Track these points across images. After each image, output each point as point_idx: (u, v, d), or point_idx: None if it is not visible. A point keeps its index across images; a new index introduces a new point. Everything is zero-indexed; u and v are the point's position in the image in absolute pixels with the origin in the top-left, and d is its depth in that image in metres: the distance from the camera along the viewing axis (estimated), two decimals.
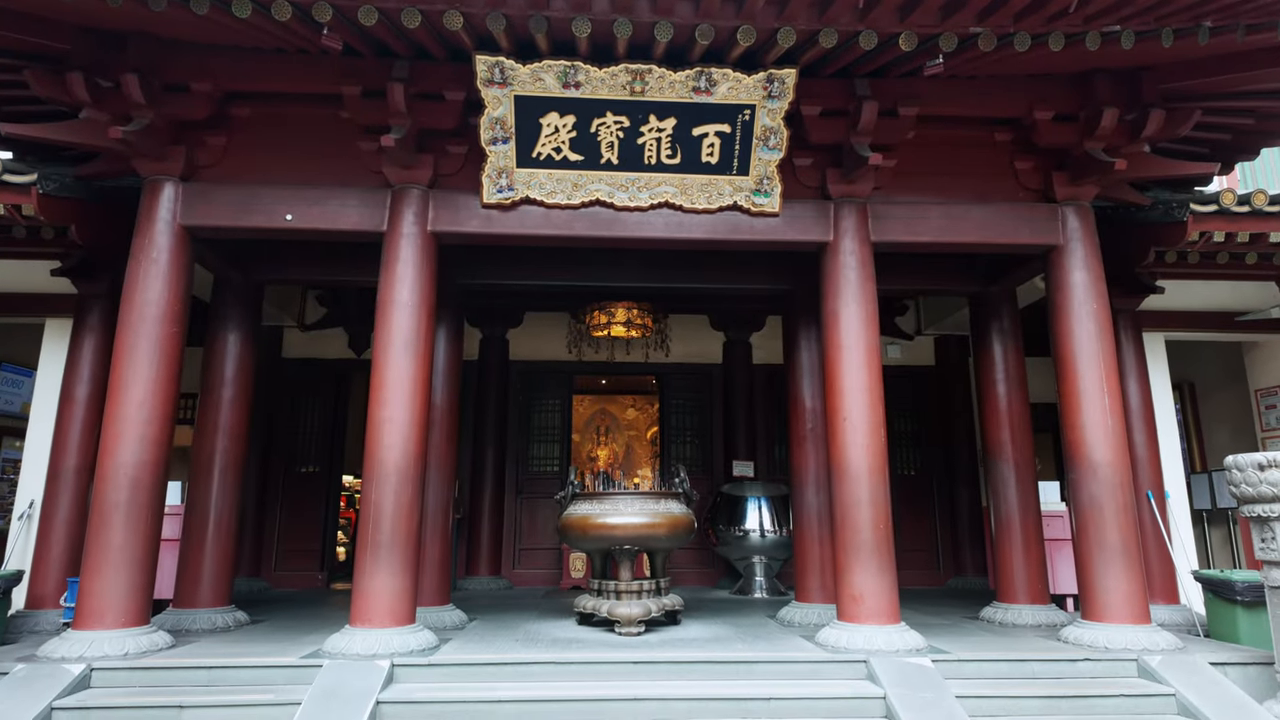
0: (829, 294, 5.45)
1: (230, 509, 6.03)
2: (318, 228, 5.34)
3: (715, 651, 4.81)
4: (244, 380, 6.26)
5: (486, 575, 8.87)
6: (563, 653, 4.75)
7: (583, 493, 5.76)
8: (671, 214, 5.48)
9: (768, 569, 8.24)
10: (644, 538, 5.52)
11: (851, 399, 5.21)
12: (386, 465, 4.94)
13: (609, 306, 7.98)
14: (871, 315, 5.37)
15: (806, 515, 6.30)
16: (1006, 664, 4.68)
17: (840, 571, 5.12)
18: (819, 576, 6.14)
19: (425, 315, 5.23)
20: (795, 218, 5.53)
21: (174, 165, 5.26)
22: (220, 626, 5.66)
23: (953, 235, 5.60)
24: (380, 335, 5.15)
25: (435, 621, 5.68)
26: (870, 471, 5.10)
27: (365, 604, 4.79)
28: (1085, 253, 5.57)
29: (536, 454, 9.75)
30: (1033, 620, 5.93)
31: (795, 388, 6.56)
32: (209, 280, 6.48)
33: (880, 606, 4.94)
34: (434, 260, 5.38)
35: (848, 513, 5.10)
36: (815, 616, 5.91)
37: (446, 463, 6.18)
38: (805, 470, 6.37)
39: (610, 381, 12.53)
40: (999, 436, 6.47)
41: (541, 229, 5.42)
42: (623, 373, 10.16)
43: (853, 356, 5.27)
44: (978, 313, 6.87)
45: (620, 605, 5.39)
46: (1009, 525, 6.29)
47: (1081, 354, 5.40)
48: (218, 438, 6.06)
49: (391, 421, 4.99)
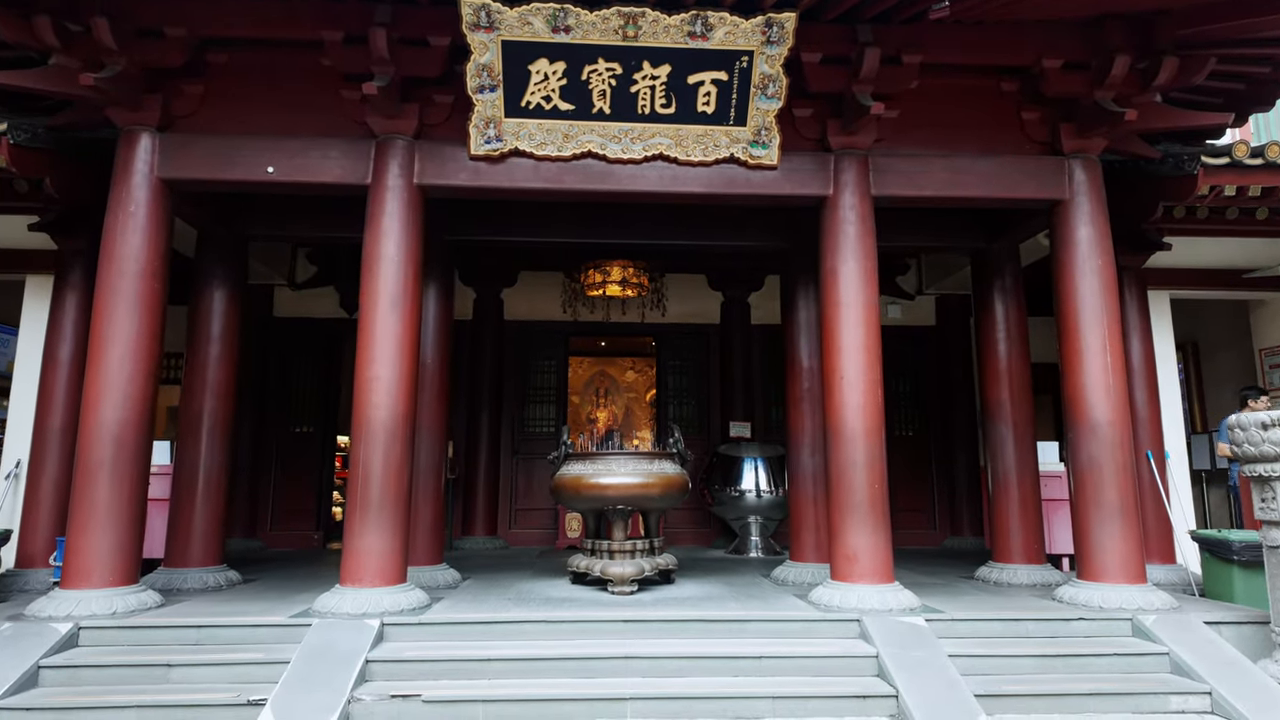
0: (827, 250, 5.31)
1: (219, 468, 5.97)
2: (300, 180, 5.18)
3: (708, 610, 4.78)
4: (230, 338, 6.15)
5: (482, 535, 8.87)
6: (554, 611, 4.72)
7: (576, 453, 5.68)
8: (666, 167, 5.30)
9: (763, 529, 8.23)
10: (637, 498, 5.46)
11: (849, 358, 5.11)
12: (375, 424, 4.86)
13: (604, 265, 7.83)
14: (871, 272, 5.23)
15: (802, 475, 6.25)
16: (1000, 623, 4.66)
17: (835, 531, 5.07)
18: (814, 536, 6.10)
19: (412, 271, 5.09)
20: (794, 171, 5.36)
21: (150, 115, 5.08)
22: (211, 586, 5.64)
23: (956, 189, 5.43)
24: (366, 292, 5.02)
25: (428, 580, 5.66)
26: (866, 432, 5.02)
27: (355, 563, 4.74)
28: (1091, 207, 5.41)
29: (532, 415, 9.69)
30: (1028, 580, 5.91)
31: (792, 347, 6.45)
32: (193, 236, 6.33)
33: (874, 566, 4.90)
34: (420, 214, 5.22)
35: (843, 473, 5.03)
36: (809, 576, 5.88)
37: (438, 422, 6.10)
38: (801, 431, 6.30)
39: (609, 343, 12.43)
40: (998, 396, 6.38)
41: (531, 182, 5.25)
42: (619, 333, 10.05)
43: (851, 315, 5.15)
44: (980, 270, 6.72)
45: (613, 565, 5.36)
46: (1006, 485, 6.23)
47: (1085, 311, 5.28)
48: (205, 396, 5.97)
49: (379, 380, 4.90)
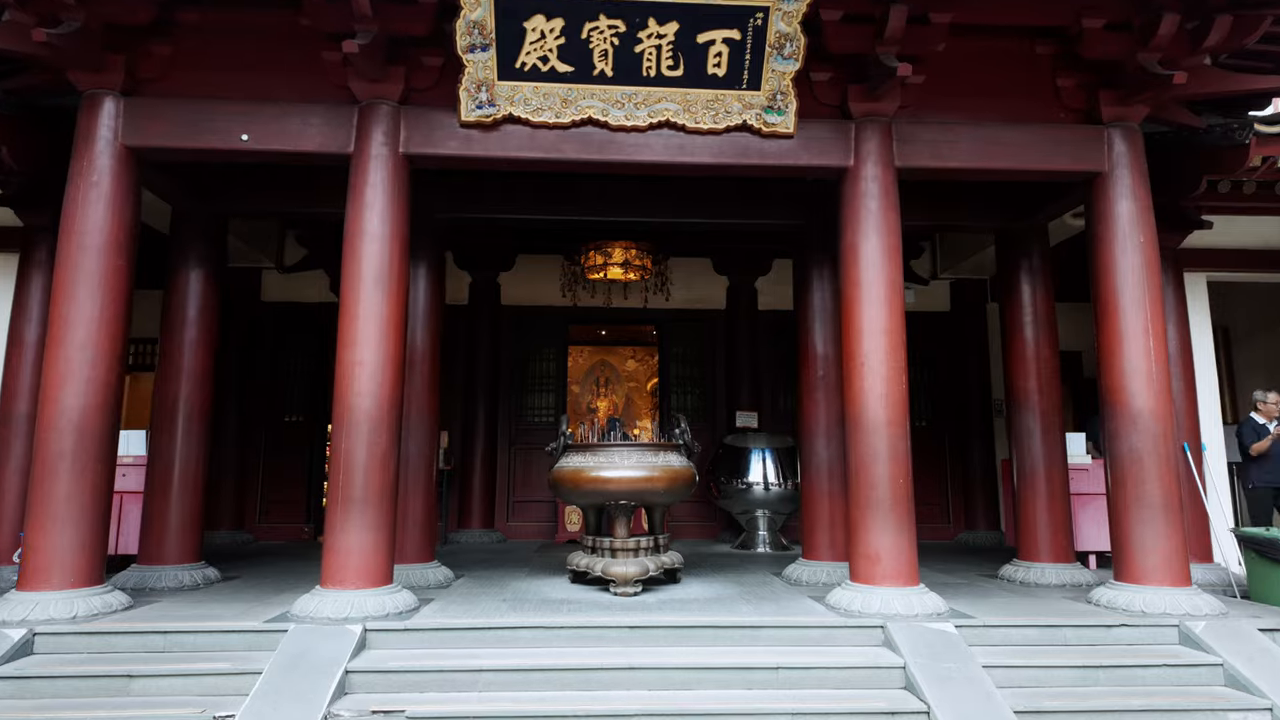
0: (848, 225, 4.91)
1: (197, 458, 5.60)
2: (276, 149, 4.78)
3: (717, 614, 4.42)
4: (208, 320, 5.77)
5: (479, 529, 8.53)
6: (552, 615, 4.36)
7: (575, 444, 5.31)
8: (673, 135, 4.90)
9: (771, 523, 7.87)
10: (641, 492, 5.09)
11: (870, 342, 4.72)
12: (357, 413, 4.48)
13: (605, 246, 7.44)
14: (894, 249, 4.84)
15: (816, 468, 5.87)
16: (1036, 630, 4.29)
17: (854, 529, 4.70)
18: (828, 533, 5.74)
19: (398, 247, 4.70)
20: (811, 139, 4.95)
21: (114, 78, 4.68)
22: (188, 585, 5.28)
23: (985, 161, 5.03)
24: (348, 269, 4.64)
25: (418, 580, 5.30)
26: (889, 422, 4.64)
27: (336, 563, 4.38)
28: (1133, 180, 5.00)
29: (531, 404, 9.32)
30: (1057, 580, 5.55)
31: (805, 332, 6.06)
32: (168, 213, 5.94)
33: (898, 567, 4.54)
34: (407, 186, 4.83)
35: (864, 466, 4.66)
36: (824, 575, 5.52)
37: (428, 411, 5.72)
38: (815, 420, 5.92)
39: (610, 332, 12.11)
40: (1025, 384, 6.00)
41: (526, 151, 4.85)
42: (621, 320, 9.66)
43: (872, 294, 4.76)
44: (1005, 251, 6.32)
45: (615, 564, 4.99)
46: (1033, 478, 5.86)
47: (1125, 292, 4.88)
48: (181, 382, 5.59)
49: (361, 364, 4.52)
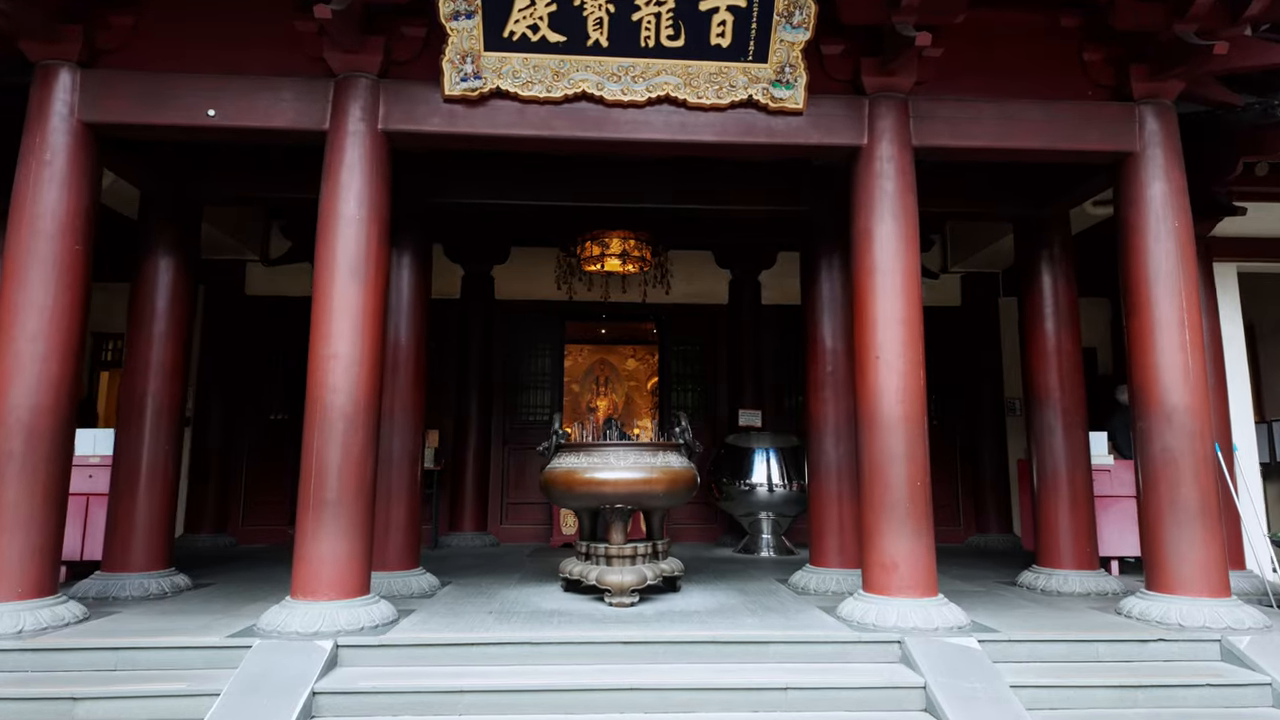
0: (861, 209, 4.57)
1: (166, 458, 5.25)
2: (246, 125, 4.44)
3: (720, 628, 4.08)
4: (179, 312, 5.43)
5: (471, 531, 8.19)
6: (542, 629, 4.02)
7: (568, 444, 4.97)
8: (673, 111, 4.56)
9: (775, 526, 7.54)
10: (638, 495, 4.75)
11: (886, 333, 4.39)
12: (331, 410, 4.14)
13: (603, 236, 7.09)
14: (912, 234, 4.51)
15: (824, 469, 5.54)
16: (1066, 645, 3.95)
17: (868, 535, 4.37)
18: (838, 538, 5.40)
19: (376, 232, 4.36)
20: (822, 116, 4.61)
21: (70, 48, 4.33)
22: (154, 593, 4.95)
23: (1009, 140, 4.69)
24: (321, 256, 4.30)
25: (400, 588, 4.97)
26: (907, 420, 4.31)
27: (307, 572, 4.04)
28: (1166, 160, 4.66)
29: (525, 402, 8.98)
30: (1080, 588, 5.21)
31: (813, 325, 5.72)
32: (137, 198, 5.60)
33: (916, 576, 4.20)
34: (386, 166, 4.49)
35: (879, 468, 4.32)
36: (834, 583, 5.19)
37: (413, 408, 5.39)
38: (823, 419, 5.58)
39: (610, 331, 11.83)
40: (1045, 380, 5.66)
41: (515, 128, 4.51)
42: (619, 314, 9.31)
43: (888, 283, 4.43)
44: (1024, 240, 5.98)
45: (611, 572, 4.66)
46: (1054, 480, 5.52)
47: (1158, 280, 4.54)
48: (149, 378, 5.25)
49: (336, 358, 4.18)
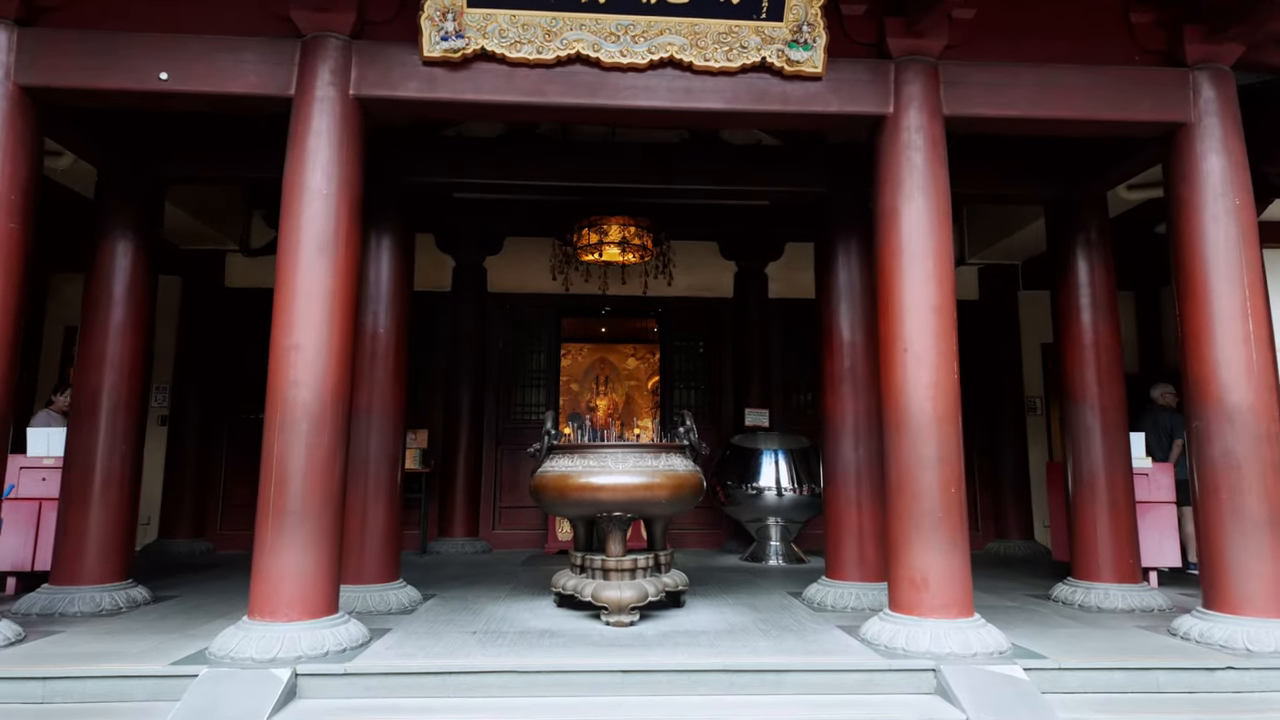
0: (886, 185, 4.12)
1: (124, 460, 4.81)
2: (202, 90, 3.99)
3: (731, 653, 3.63)
4: (139, 300, 4.98)
5: (461, 537, 7.74)
6: (529, 654, 3.57)
7: (562, 445, 4.52)
8: (677, 75, 4.10)
9: (784, 533, 7.08)
10: (639, 502, 4.30)
11: (915, 323, 3.93)
12: (294, 407, 3.70)
13: (601, 223, 6.64)
14: (943, 212, 4.05)
15: (841, 473, 5.08)
16: (1123, 674, 3.49)
17: (894, 547, 3.91)
18: (857, 548, 4.94)
19: (347, 209, 3.91)
20: (843, 82, 4.16)
21: (5, 4, 3.88)
22: (106, 609, 4.50)
23: (1050, 109, 4.23)
24: (284, 235, 3.85)
25: (376, 604, 4.53)
26: (939, 420, 3.85)
27: (266, 590, 3.60)
28: (1224, 131, 4.21)
29: (520, 400, 8.53)
30: (1124, 603, 4.76)
31: (829, 317, 5.27)
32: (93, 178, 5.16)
33: (950, 595, 3.74)
34: (359, 136, 4.03)
35: (907, 473, 3.86)
36: (853, 599, 4.73)
37: (393, 405, 4.94)
38: (840, 418, 5.13)
39: (610, 329, 11.45)
40: (1082, 376, 5.20)
41: (502, 94, 4.06)
42: (618, 308, 8.85)
43: (917, 267, 3.97)
44: (1056, 225, 5.52)
45: (608, 587, 4.20)
46: (1091, 484, 5.06)
47: (1216, 265, 4.08)
48: (105, 372, 4.81)
49: (299, 350, 3.73)
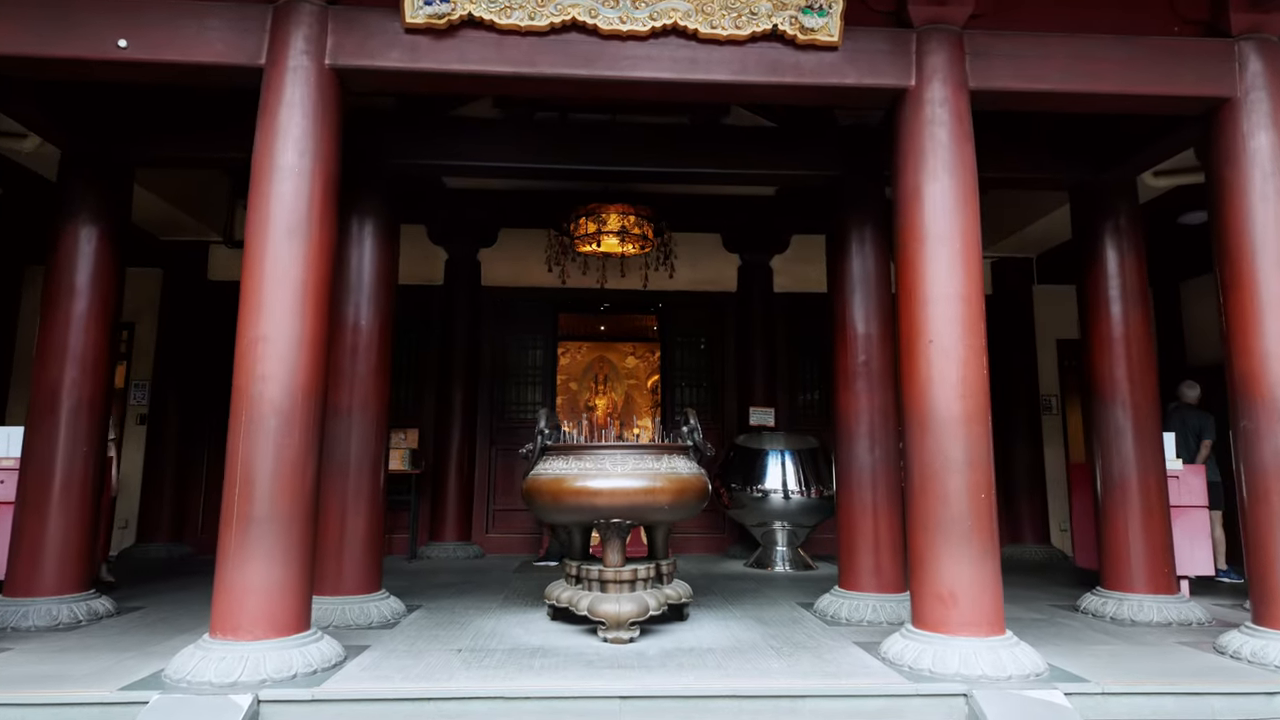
0: (907, 164, 3.79)
1: (86, 462, 4.48)
2: (165, 60, 3.66)
3: (740, 675, 3.30)
4: (104, 291, 4.65)
5: (453, 541, 7.43)
6: (518, 677, 3.24)
7: (556, 446, 4.19)
8: (682, 44, 3.78)
9: (791, 538, 6.77)
10: (639, 508, 3.97)
11: (940, 312, 3.60)
12: (260, 404, 3.38)
13: (599, 211, 6.32)
14: (970, 192, 3.73)
15: (856, 475, 4.75)
16: (1173, 699, 3.17)
17: (918, 558, 3.59)
18: (872, 557, 4.62)
19: (321, 189, 3.59)
20: (860, 52, 3.83)
21: None
22: (64, 622, 4.17)
23: (1083, 83, 3.91)
24: (253, 216, 3.53)
25: (355, 617, 4.20)
26: (968, 419, 3.52)
27: (229, 605, 3.26)
28: (1273, 106, 3.88)
29: (515, 398, 8.20)
30: (1160, 616, 4.43)
31: (842, 309, 4.94)
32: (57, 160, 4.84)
33: (980, 610, 3.42)
34: (336, 110, 3.71)
35: (931, 476, 3.54)
36: (869, 611, 4.41)
37: (376, 403, 4.61)
38: (854, 417, 4.80)
39: (609, 327, 11.17)
40: (1111, 372, 4.87)
41: (490, 65, 3.74)
42: (618, 303, 8.54)
43: (943, 251, 3.65)
44: (1083, 211, 5.20)
45: (606, 600, 3.88)
46: (1123, 487, 4.74)
47: (1264, 250, 3.76)
48: (66, 367, 4.48)
49: (267, 341, 3.41)
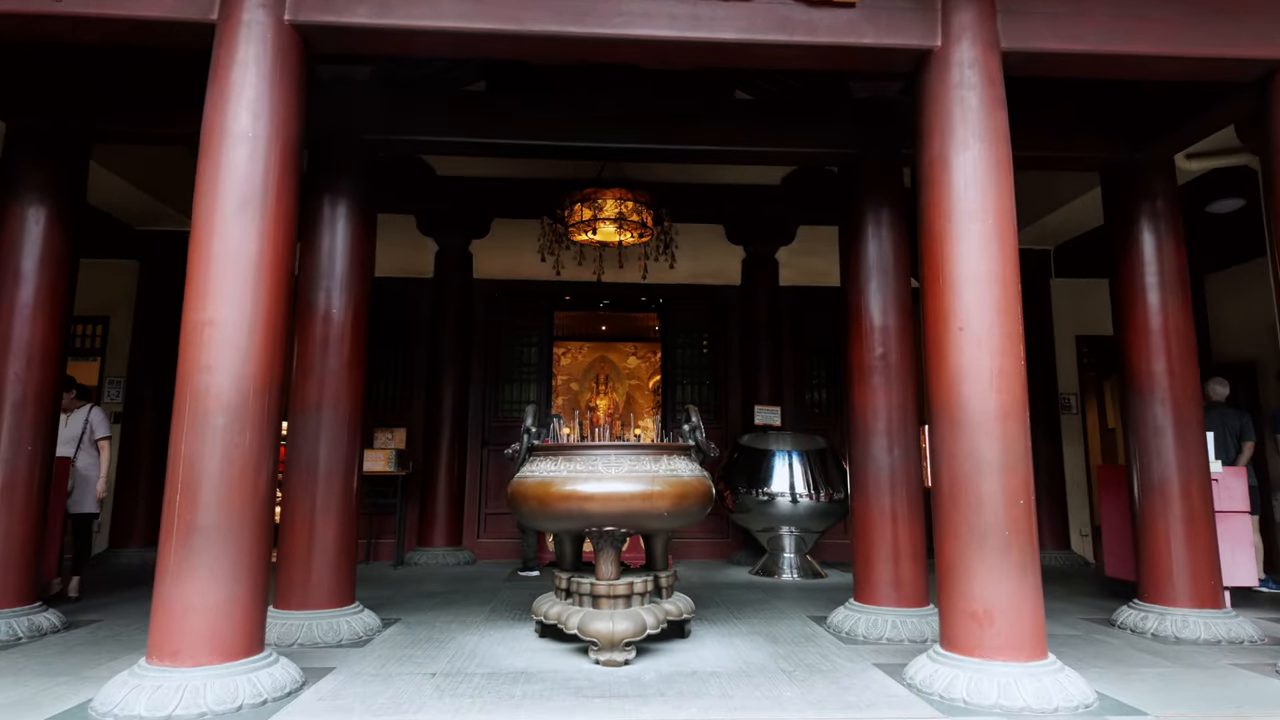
0: (934, 132, 3.41)
1: (31, 464, 4.10)
2: (106, 14, 3.28)
3: (750, 706, 2.91)
4: (53, 276, 4.27)
5: (443, 546, 7.05)
6: (495, 708, 2.85)
7: (545, 446, 3.81)
8: (683, 0, 3.41)
9: (799, 543, 6.38)
10: (636, 515, 3.58)
11: (972, 297, 3.22)
12: (206, 398, 2.98)
13: (595, 196, 5.94)
14: (1004, 161, 3.34)
15: (872, 477, 4.36)
16: None
17: (947, 570, 3.20)
18: (891, 567, 4.23)
19: (281, 157, 3.20)
20: (880, 8, 3.45)
21: None
22: (4, 640, 3.80)
23: (1125, 43, 3.53)
24: (201, 185, 3.14)
25: (323, 635, 3.81)
26: (1004, 415, 3.14)
27: (168, 626, 2.87)
28: None
29: (508, 396, 7.82)
30: (1207, 633, 4.04)
31: (857, 297, 4.56)
32: None
33: (1020, 632, 3.03)
34: (297, 71, 3.33)
35: (963, 480, 3.15)
36: (888, 628, 4.02)
37: (348, 399, 4.22)
38: (870, 414, 4.41)
39: (609, 326, 10.86)
40: (1148, 365, 4.49)
41: (471, 21, 3.35)
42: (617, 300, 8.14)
43: (974, 228, 3.26)
44: (1116, 193, 4.81)
45: (598, 618, 3.49)
46: (1162, 491, 4.36)
47: None
48: (9, 359, 4.10)
49: (214, 327, 3.02)
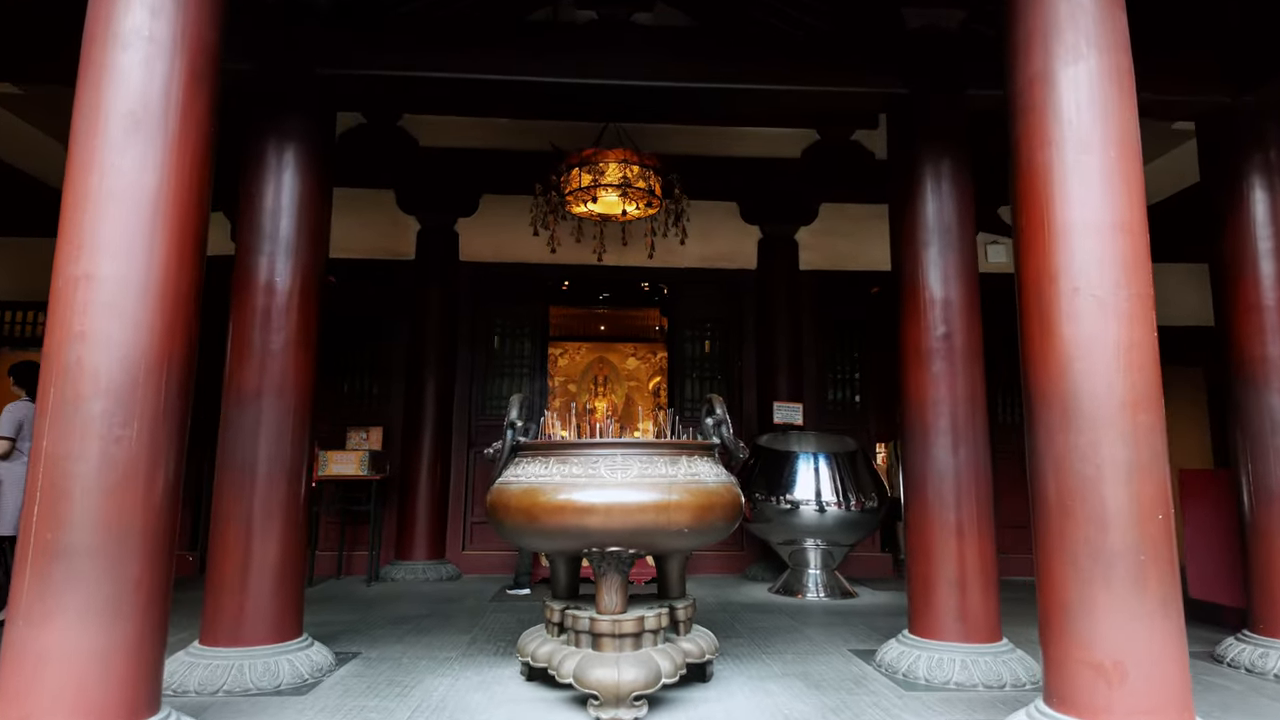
0: (1032, 42, 2.65)
1: None
2: None
3: None
4: None
5: (424, 560, 6.29)
6: None
7: (532, 445, 3.05)
8: None
9: (826, 558, 5.63)
10: (648, 532, 2.80)
11: (1088, 247, 2.46)
12: (79, 378, 2.22)
13: (595, 159, 5.19)
14: (1125, 77, 2.57)
15: (933, 483, 3.60)
16: None
17: (1057, 606, 2.44)
18: (957, 594, 3.46)
19: (189, 66, 2.44)
20: None
21: None
22: None
23: None
24: (82, 101, 2.38)
25: (258, 678, 3.06)
26: (1135, 403, 2.38)
27: (19, 682, 2.09)
28: None
29: (497, 392, 7.07)
30: None
31: (913, 267, 3.80)
32: None
33: (1163, 690, 2.27)
34: None
35: (1078, 488, 2.40)
36: (956, 669, 3.26)
37: (295, 389, 3.46)
38: (929, 408, 3.65)
39: (609, 326, 10.28)
40: (1262, 349, 3.75)
41: None
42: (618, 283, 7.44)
43: (1089, 161, 2.50)
44: (1214, 143, 4.08)
45: (600, 663, 2.72)
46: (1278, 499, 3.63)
47: None
48: None
49: (95, 283, 2.26)
